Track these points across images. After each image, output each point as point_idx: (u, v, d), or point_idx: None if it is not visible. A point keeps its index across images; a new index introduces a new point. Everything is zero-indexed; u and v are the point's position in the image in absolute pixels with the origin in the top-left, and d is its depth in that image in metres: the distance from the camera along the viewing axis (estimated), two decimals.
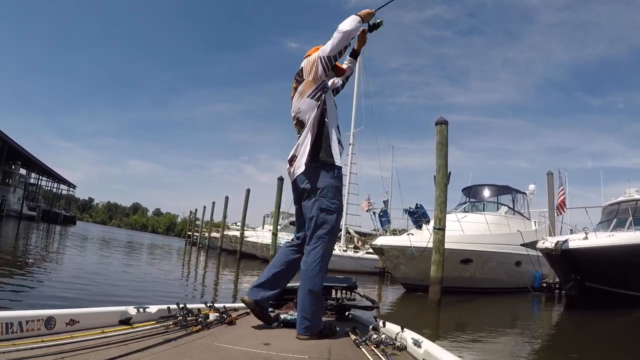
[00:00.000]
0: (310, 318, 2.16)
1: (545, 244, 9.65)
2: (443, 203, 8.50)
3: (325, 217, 2.22)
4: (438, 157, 8.68)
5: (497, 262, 12.13)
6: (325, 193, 2.22)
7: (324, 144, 2.26)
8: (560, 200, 12.13)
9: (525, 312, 10.74)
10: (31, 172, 43.12)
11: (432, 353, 1.74)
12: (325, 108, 2.31)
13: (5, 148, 29.23)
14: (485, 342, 5.56)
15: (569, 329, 7.97)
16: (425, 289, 8.66)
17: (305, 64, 2.39)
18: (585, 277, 9.35)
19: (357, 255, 18.41)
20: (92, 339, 1.64)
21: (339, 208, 2.25)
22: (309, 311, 2.16)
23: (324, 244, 2.22)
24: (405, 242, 10.78)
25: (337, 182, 2.26)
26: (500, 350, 5.17)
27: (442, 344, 4.98)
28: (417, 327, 6.18)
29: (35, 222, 35.48)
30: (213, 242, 30.64)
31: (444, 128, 8.82)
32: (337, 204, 2.25)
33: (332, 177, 2.25)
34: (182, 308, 2.27)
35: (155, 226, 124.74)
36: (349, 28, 2.22)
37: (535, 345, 5.90)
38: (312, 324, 2.16)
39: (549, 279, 14.64)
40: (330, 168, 2.25)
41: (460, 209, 13.49)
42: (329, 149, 2.26)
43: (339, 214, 2.25)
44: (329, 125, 2.30)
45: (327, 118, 2.30)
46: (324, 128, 2.28)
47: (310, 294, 2.18)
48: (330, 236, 2.23)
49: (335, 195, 2.24)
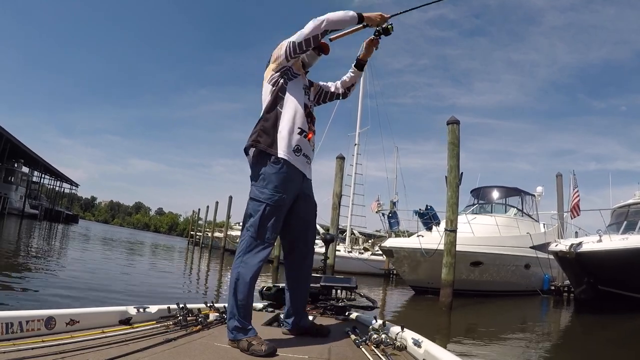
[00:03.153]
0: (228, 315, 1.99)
1: (558, 246, 9.45)
2: (455, 204, 8.31)
3: (250, 206, 2.04)
4: (450, 157, 8.50)
5: (506, 264, 11.95)
6: (256, 181, 2.04)
7: (270, 132, 2.03)
8: (575, 203, 11.90)
9: (536, 315, 10.56)
10: (34, 170, 43.09)
11: (432, 353, 1.73)
12: (280, 96, 2.08)
13: (8, 146, 29.17)
14: (499, 347, 5.45)
15: (581, 332, 7.83)
16: (435, 292, 8.49)
17: (273, 53, 2.17)
18: (598, 281, 9.16)
19: (361, 257, 18.22)
20: (92, 339, 1.65)
21: (267, 199, 1.98)
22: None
23: (247, 237, 2.00)
24: (416, 244, 10.61)
25: (271, 171, 2.00)
26: (514, 356, 5.04)
27: (455, 349, 4.88)
28: (429, 331, 6.09)
29: (38, 221, 35.42)
30: (216, 242, 30.48)
31: (455, 128, 8.67)
32: (267, 194, 1.99)
33: (265, 166, 2.01)
34: (182, 308, 2.26)
35: (157, 225, 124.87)
36: (332, 17, 2.01)
37: (548, 350, 5.80)
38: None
39: (557, 281, 14.45)
40: (267, 157, 2.01)
41: (468, 210, 13.29)
42: (273, 138, 2.02)
43: (267, 205, 1.98)
44: (282, 114, 2.06)
45: (281, 107, 2.07)
46: (273, 115, 2.06)
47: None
48: (253, 228, 1.99)
49: (265, 185, 2.00)
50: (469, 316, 8.54)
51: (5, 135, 27.30)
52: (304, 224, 2.20)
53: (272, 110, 2.05)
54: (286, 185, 2.01)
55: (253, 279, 1.97)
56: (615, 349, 5.92)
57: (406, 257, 11.02)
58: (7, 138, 27.79)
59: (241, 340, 1.85)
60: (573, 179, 12.46)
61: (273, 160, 2.00)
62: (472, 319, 8.40)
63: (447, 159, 8.53)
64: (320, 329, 2.28)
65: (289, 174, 2.03)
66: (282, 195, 1.99)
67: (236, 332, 1.89)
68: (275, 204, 1.98)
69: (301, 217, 2.17)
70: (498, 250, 11.47)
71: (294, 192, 2.09)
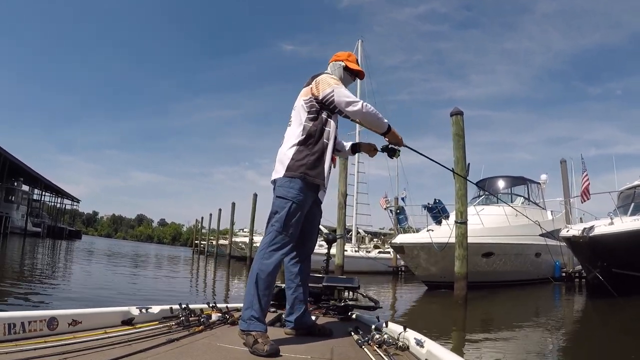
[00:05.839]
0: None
1: (570, 231, 9.36)
2: (464, 196, 8.19)
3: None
4: (455, 149, 8.39)
5: (517, 253, 11.87)
6: (282, 184, 2.24)
7: (317, 165, 2.27)
8: (585, 187, 11.83)
9: (550, 304, 10.51)
10: (34, 188, 42.94)
11: (434, 353, 1.72)
12: (327, 130, 2.28)
13: (7, 164, 29.08)
14: (516, 338, 5.38)
15: (598, 320, 7.71)
16: (448, 286, 8.38)
17: (322, 78, 2.29)
18: (612, 264, 9.07)
19: (369, 255, 18.12)
20: (94, 340, 1.64)
21: (293, 197, 2.15)
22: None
23: (272, 232, 2.12)
24: (427, 239, 10.50)
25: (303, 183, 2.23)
26: (533, 348, 4.95)
27: (473, 343, 4.80)
28: (445, 326, 5.97)
29: (41, 238, 35.29)
30: (221, 249, 30.35)
31: (459, 119, 8.58)
32: (293, 193, 2.16)
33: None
34: (184, 308, 2.26)
35: (160, 237, 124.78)
36: (374, 112, 2.26)
37: (566, 339, 5.76)
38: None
39: (568, 268, 14.38)
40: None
41: (475, 202, 13.20)
42: (320, 170, 2.27)
43: (293, 203, 2.14)
44: (327, 147, 2.29)
45: (327, 139, 2.29)
46: (320, 147, 2.27)
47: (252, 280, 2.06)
48: (278, 224, 2.12)
49: (292, 186, 2.17)
50: (483, 308, 8.49)
51: (4, 154, 27.22)
52: (311, 227, 2.34)
53: (319, 141, 2.21)
54: (310, 190, 2.20)
55: (274, 272, 2.06)
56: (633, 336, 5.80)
57: (418, 252, 10.92)
58: (5, 157, 27.70)
59: (250, 333, 1.87)
60: (582, 163, 12.41)
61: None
62: (487, 310, 8.34)
63: (453, 151, 8.42)
64: (322, 329, 2.32)
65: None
66: (306, 196, 2.16)
67: (250, 322, 1.92)
68: (300, 203, 2.14)
69: (310, 221, 2.30)
70: (508, 240, 11.40)
71: (314, 197, 2.27)
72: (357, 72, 2.47)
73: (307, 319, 2.31)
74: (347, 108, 2.21)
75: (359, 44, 22.88)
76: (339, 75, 2.41)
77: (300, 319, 2.26)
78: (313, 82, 2.28)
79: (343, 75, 2.42)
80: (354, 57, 2.52)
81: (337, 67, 2.44)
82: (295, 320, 2.26)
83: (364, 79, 2.66)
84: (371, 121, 2.28)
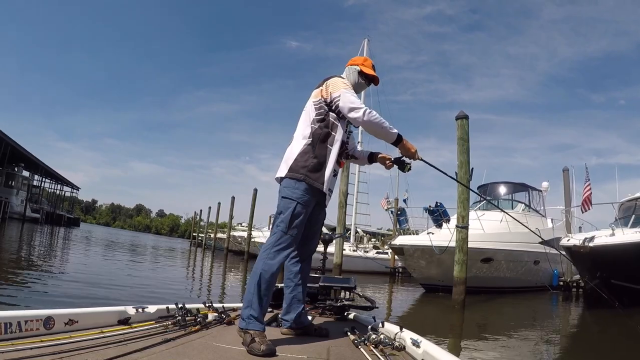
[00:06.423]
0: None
1: (570, 241, 9.31)
2: (466, 200, 8.21)
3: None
4: (460, 153, 8.39)
5: (517, 260, 11.83)
6: (287, 185, 2.25)
7: (319, 169, 2.25)
8: (586, 196, 11.78)
9: (547, 312, 10.47)
10: (34, 174, 42.89)
11: (430, 353, 1.73)
12: (333, 134, 2.25)
13: (8, 150, 29.02)
14: (511, 345, 5.38)
15: (595, 329, 7.74)
16: (446, 290, 8.35)
17: (332, 81, 2.26)
18: (611, 275, 9.03)
19: (367, 255, 18.09)
20: (90, 339, 1.64)
21: (298, 198, 2.16)
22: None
23: (277, 232, 2.14)
24: (426, 242, 10.47)
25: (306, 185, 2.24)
26: (527, 355, 4.95)
27: (469, 347, 4.78)
28: (442, 329, 5.96)
29: (39, 225, 35.27)
30: (219, 243, 30.31)
31: (464, 123, 8.58)
32: (298, 194, 2.17)
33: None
34: (180, 308, 2.27)
35: (158, 227, 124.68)
36: (388, 128, 2.21)
37: (561, 348, 5.75)
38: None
39: (566, 277, 14.35)
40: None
41: (476, 207, 13.16)
42: (321, 174, 2.25)
43: (298, 203, 2.15)
44: (331, 152, 2.27)
45: (331, 144, 2.26)
46: (323, 151, 2.26)
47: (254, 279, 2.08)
48: (283, 224, 2.14)
49: (297, 187, 2.19)
50: (480, 313, 8.47)
51: (5, 140, 27.15)
52: (314, 228, 2.35)
53: (323, 145, 2.19)
54: (315, 192, 2.20)
55: (277, 272, 2.07)
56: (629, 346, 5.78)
57: (417, 254, 10.89)
58: (7, 142, 27.63)
59: (248, 332, 1.88)
60: (586, 172, 12.35)
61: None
62: (484, 316, 8.32)
63: (457, 155, 8.42)
64: (319, 329, 2.32)
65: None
66: (310, 197, 2.17)
67: (249, 321, 1.94)
68: (304, 203, 2.14)
69: (313, 222, 2.31)
70: (508, 247, 11.36)
71: (319, 199, 2.27)
72: (373, 77, 2.45)
73: (304, 319, 2.31)
74: (349, 114, 2.18)
75: (365, 42, 22.72)
76: (354, 79, 2.38)
77: (297, 319, 2.26)
78: (324, 84, 2.27)
79: (358, 79, 2.39)
80: (370, 62, 2.49)
81: (352, 71, 2.42)
82: (292, 319, 2.26)
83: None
84: (375, 130, 2.23)
